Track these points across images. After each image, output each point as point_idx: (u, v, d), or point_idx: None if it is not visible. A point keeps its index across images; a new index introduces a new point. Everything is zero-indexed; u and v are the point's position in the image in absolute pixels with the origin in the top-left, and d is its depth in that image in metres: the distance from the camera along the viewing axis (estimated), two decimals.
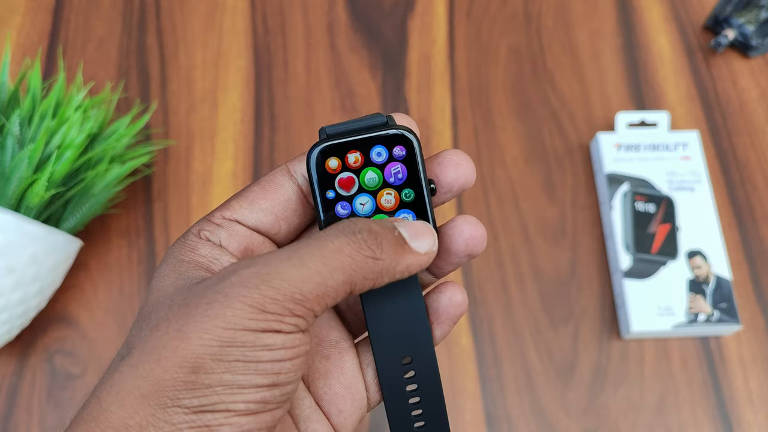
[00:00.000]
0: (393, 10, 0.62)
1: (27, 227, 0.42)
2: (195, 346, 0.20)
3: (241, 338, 0.20)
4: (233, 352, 0.20)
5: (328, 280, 0.21)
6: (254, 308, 0.20)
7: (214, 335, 0.20)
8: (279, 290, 0.20)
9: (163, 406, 0.20)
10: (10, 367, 0.48)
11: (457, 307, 0.26)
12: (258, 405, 0.20)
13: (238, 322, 0.20)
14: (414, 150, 0.25)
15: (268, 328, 0.20)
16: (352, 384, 0.26)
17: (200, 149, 0.56)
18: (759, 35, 0.59)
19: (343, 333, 0.27)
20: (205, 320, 0.20)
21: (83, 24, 0.61)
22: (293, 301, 0.21)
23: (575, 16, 0.62)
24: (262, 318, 0.20)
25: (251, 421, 0.20)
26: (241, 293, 0.20)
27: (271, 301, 0.20)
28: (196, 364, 0.20)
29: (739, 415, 0.48)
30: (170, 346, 0.20)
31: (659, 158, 0.54)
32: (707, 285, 0.50)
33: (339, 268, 0.21)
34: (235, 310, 0.20)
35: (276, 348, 0.20)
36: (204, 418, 0.20)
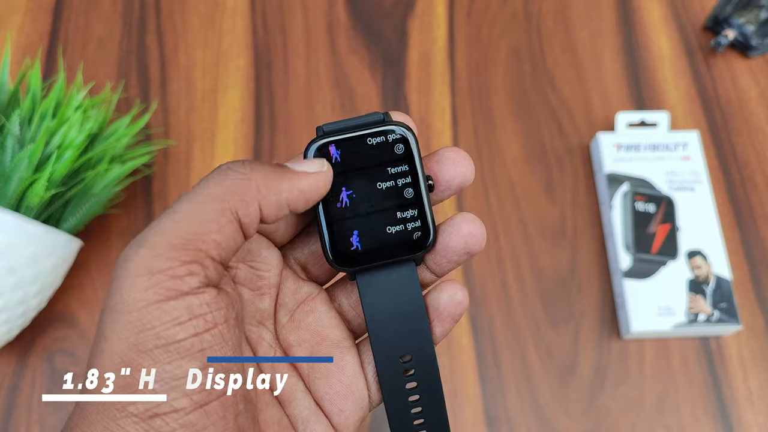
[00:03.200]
0: (393, 10, 0.62)
1: (27, 227, 0.42)
2: (113, 342, 0.19)
3: (147, 318, 0.19)
4: (148, 338, 0.19)
5: (201, 214, 0.20)
6: (142, 275, 0.19)
7: (124, 324, 0.19)
8: (156, 245, 0.19)
9: (114, 419, 0.19)
10: (10, 367, 0.48)
11: (458, 306, 0.26)
12: (200, 395, 0.19)
13: (135, 297, 0.19)
14: (411, 146, 0.25)
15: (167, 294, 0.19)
16: (354, 383, 0.25)
17: (200, 149, 0.56)
18: (759, 35, 0.59)
19: (345, 332, 0.27)
20: (112, 312, 0.19)
21: (83, 24, 0.61)
22: (173, 248, 0.19)
23: (575, 16, 0.62)
24: (153, 282, 0.19)
25: (203, 417, 0.19)
26: (125, 269, 0.19)
27: (153, 258, 0.19)
28: (123, 362, 0.19)
29: (739, 415, 0.48)
30: (97, 352, 0.20)
31: (659, 158, 0.54)
32: (707, 285, 0.50)
33: (208, 200, 0.20)
34: (127, 287, 0.19)
35: (184, 320, 0.19)
36: (156, 425, 0.19)
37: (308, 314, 0.26)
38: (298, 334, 0.26)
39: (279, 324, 0.26)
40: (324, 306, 0.26)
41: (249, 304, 0.25)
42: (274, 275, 0.26)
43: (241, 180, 0.21)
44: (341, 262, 0.25)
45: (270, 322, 0.26)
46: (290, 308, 0.26)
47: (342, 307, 0.27)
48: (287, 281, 0.26)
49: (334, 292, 0.28)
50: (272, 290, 0.26)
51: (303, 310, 0.26)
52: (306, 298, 0.26)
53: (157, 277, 0.19)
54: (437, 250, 0.25)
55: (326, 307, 0.27)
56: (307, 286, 0.27)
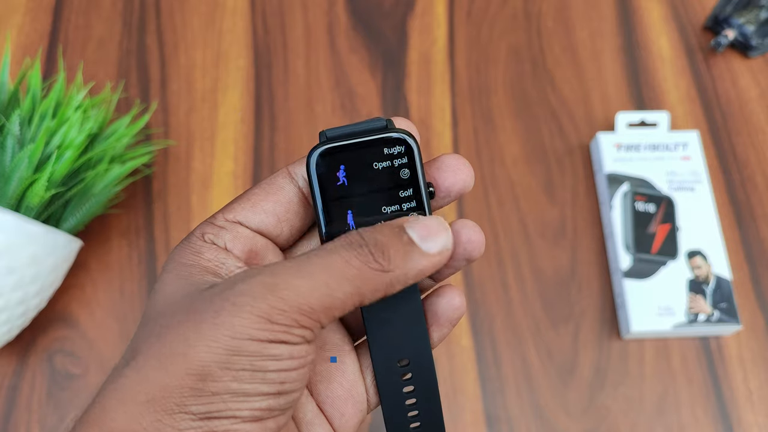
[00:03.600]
0: (393, 10, 0.62)
1: (27, 227, 0.42)
2: (202, 353, 0.20)
3: (248, 348, 0.20)
4: (240, 361, 0.20)
5: (335, 292, 0.21)
6: (262, 318, 0.20)
7: (222, 344, 0.20)
8: (286, 301, 0.20)
9: (170, 412, 0.20)
10: (10, 367, 0.48)
11: (456, 310, 0.26)
12: (263, 412, 0.21)
13: (246, 331, 0.20)
14: (413, 153, 0.25)
15: (275, 339, 0.20)
16: (354, 387, 0.26)
17: (200, 149, 0.56)
18: (759, 35, 0.59)
19: (344, 336, 0.27)
20: (212, 328, 0.20)
21: (83, 24, 0.61)
22: (300, 313, 0.20)
23: (575, 16, 0.62)
24: (269, 329, 0.20)
25: (256, 428, 0.20)
26: (248, 303, 0.20)
27: (279, 312, 0.20)
28: (203, 372, 0.20)
29: (739, 415, 0.48)
30: (177, 353, 0.20)
31: (659, 158, 0.54)
32: (707, 285, 0.50)
33: (346, 281, 0.21)
34: (242, 319, 0.20)
35: (282, 359, 0.20)
36: (210, 425, 0.20)
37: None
38: None
39: None
40: None
41: None
42: None
43: (381, 272, 0.22)
44: None
45: None
46: None
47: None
48: None
49: None
50: None
51: None
52: None
53: (274, 327, 0.20)
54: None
55: None
56: None
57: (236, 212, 0.24)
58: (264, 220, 0.25)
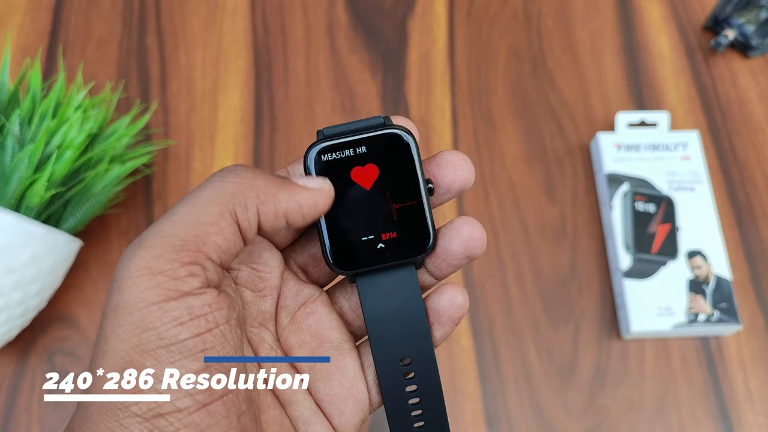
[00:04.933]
0: (393, 10, 0.62)
1: (27, 227, 0.42)
2: (115, 344, 0.19)
3: (148, 318, 0.19)
4: (150, 338, 0.19)
5: (201, 217, 0.20)
6: (143, 276, 0.19)
7: (126, 325, 0.19)
8: (156, 246, 0.20)
9: (117, 419, 0.19)
10: (10, 367, 0.48)
11: (458, 309, 0.26)
12: (203, 395, 0.20)
13: (136, 298, 0.19)
14: (411, 150, 0.25)
15: (168, 294, 0.19)
16: (354, 385, 0.26)
17: (200, 149, 0.56)
18: (759, 35, 0.59)
19: (345, 335, 0.27)
20: (113, 314, 0.20)
21: (83, 24, 0.61)
22: (174, 249, 0.20)
23: (575, 16, 0.62)
24: (154, 283, 0.19)
25: (206, 416, 0.20)
26: (126, 269, 0.20)
27: (154, 260, 0.19)
28: (125, 363, 0.19)
29: (739, 415, 0.48)
30: (99, 353, 0.20)
31: (659, 158, 0.54)
32: (707, 285, 0.50)
33: (208, 203, 0.21)
34: (129, 288, 0.19)
35: (185, 320, 0.20)
36: (160, 425, 0.19)
37: (309, 316, 0.26)
38: (299, 336, 0.26)
39: (280, 326, 0.26)
40: (325, 308, 0.27)
41: (250, 306, 0.25)
42: (275, 277, 0.26)
43: (242, 184, 0.21)
44: (341, 265, 0.25)
45: (271, 324, 0.26)
46: (291, 310, 0.26)
47: (342, 309, 0.27)
48: (288, 283, 0.26)
49: (334, 294, 0.28)
50: (273, 292, 0.26)
51: (304, 312, 0.26)
52: (307, 300, 0.26)
53: (158, 278, 0.19)
54: (437, 253, 0.26)
55: (327, 309, 0.27)
56: (308, 288, 0.27)
57: None
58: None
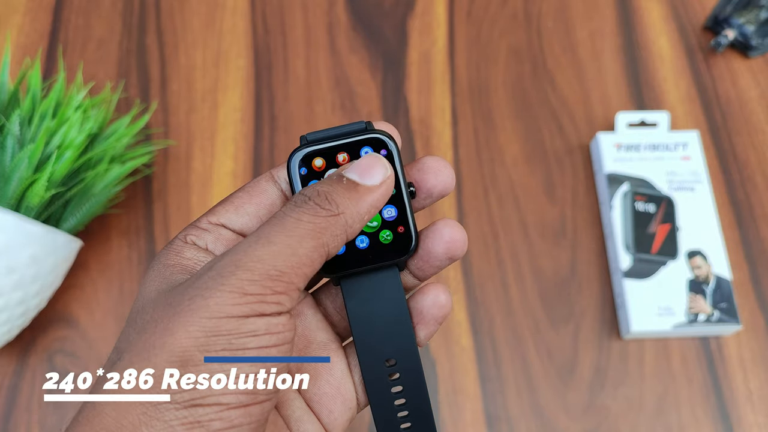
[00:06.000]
0: (393, 10, 0.62)
1: (27, 227, 0.42)
2: (181, 339, 0.20)
3: (225, 326, 0.20)
4: (219, 341, 0.20)
5: (298, 249, 0.21)
6: (234, 293, 0.20)
7: (199, 326, 0.20)
8: (254, 271, 0.21)
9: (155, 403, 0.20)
10: (10, 367, 0.48)
11: (441, 308, 0.26)
12: (247, 397, 0.21)
13: (221, 309, 0.20)
14: (393, 154, 0.25)
15: (251, 313, 0.20)
16: (342, 385, 0.26)
17: (200, 149, 0.56)
18: (759, 35, 0.59)
19: (331, 335, 0.27)
20: (188, 314, 0.20)
21: (83, 24, 0.61)
22: (270, 278, 0.21)
23: (575, 16, 0.62)
24: (243, 302, 0.20)
25: (241, 415, 0.20)
26: (219, 282, 0.21)
27: (249, 283, 0.21)
28: (183, 357, 0.20)
29: (739, 415, 0.48)
30: (158, 344, 0.20)
31: (659, 158, 0.54)
32: (707, 285, 0.50)
33: (304, 236, 0.22)
34: (216, 299, 0.20)
35: (260, 334, 0.21)
36: (195, 413, 0.20)
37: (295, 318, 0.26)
38: None
39: None
40: (310, 310, 0.27)
41: None
42: None
43: (332, 217, 0.22)
44: (325, 267, 0.25)
45: None
46: None
47: (327, 310, 0.28)
48: None
49: (319, 296, 0.28)
50: None
51: None
52: None
53: (248, 299, 0.20)
54: (420, 255, 0.26)
55: (312, 311, 0.27)
56: None
57: (219, 215, 0.25)
58: (246, 222, 0.25)
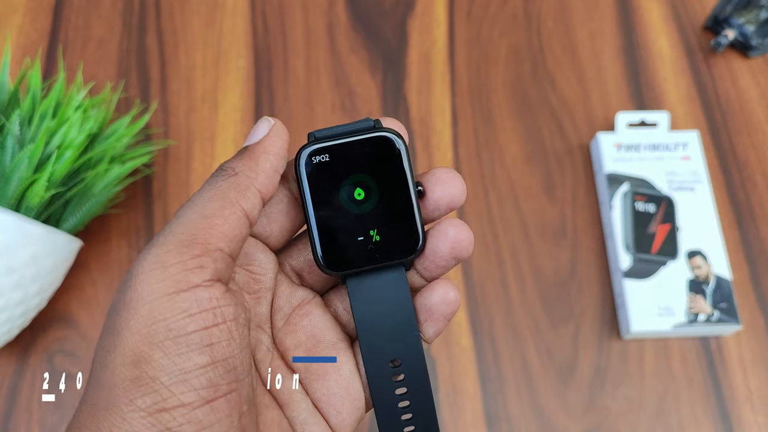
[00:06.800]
0: (393, 10, 0.62)
1: (27, 227, 0.42)
2: (126, 336, 0.20)
3: (158, 309, 0.20)
4: (159, 330, 0.20)
5: (204, 212, 0.22)
6: (155, 270, 0.20)
7: (137, 318, 0.20)
8: (168, 243, 0.21)
9: (121, 413, 0.20)
10: (10, 367, 0.48)
11: (450, 305, 0.26)
12: (208, 391, 0.20)
13: (149, 291, 0.20)
14: (401, 152, 0.25)
15: (177, 287, 0.20)
16: (350, 385, 0.26)
17: (200, 149, 0.56)
18: (759, 35, 0.59)
19: (340, 334, 0.27)
20: (126, 309, 0.20)
21: (83, 24, 0.61)
22: (183, 244, 0.21)
23: (575, 16, 0.62)
24: (166, 275, 0.20)
25: (207, 412, 0.20)
26: (140, 266, 0.21)
27: (166, 253, 0.21)
28: (134, 355, 0.20)
29: (739, 415, 0.48)
30: (110, 347, 0.20)
31: (659, 158, 0.54)
32: (707, 285, 0.50)
33: (209, 199, 0.22)
34: (141, 282, 0.20)
35: (194, 312, 0.20)
36: (163, 420, 0.20)
37: (304, 317, 0.26)
38: (295, 337, 0.26)
39: (275, 328, 0.26)
40: (319, 309, 0.27)
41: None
42: (269, 279, 0.26)
43: (231, 176, 0.23)
44: (331, 266, 0.25)
45: (267, 326, 0.26)
46: (286, 312, 0.26)
47: (337, 311, 0.27)
48: (282, 286, 0.27)
49: (328, 296, 0.28)
50: (268, 294, 0.26)
51: (299, 314, 0.26)
52: (301, 302, 0.27)
53: (170, 270, 0.20)
54: (426, 255, 0.26)
55: (321, 311, 0.27)
56: (302, 291, 0.27)
57: None
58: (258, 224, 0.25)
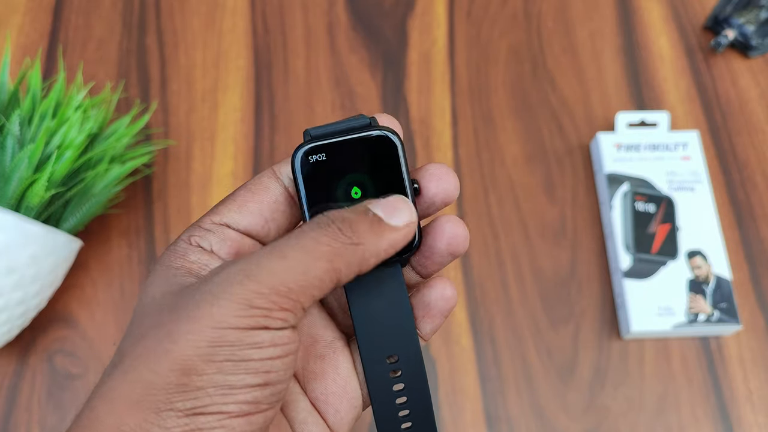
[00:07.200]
0: (393, 10, 0.62)
1: (27, 227, 0.42)
2: (184, 347, 0.20)
3: (229, 337, 0.20)
4: (223, 352, 0.20)
5: (311, 270, 0.21)
6: (241, 304, 0.20)
7: (203, 336, 0.20)
8: (264, 284, 0.20)
9: (156, 411, 0.20)
10: (10, 367, 0.48)
11: (448, 301, 0.26)
12: (250, 406, 0.20)
13: (226, 320, 0.20)
14: (397, 150, 0.25)
15: (256, 325, 0.20)
16: (348, 383, 0.26)
17: (200, 149, 0.56)
18: (759, 35, 0.59)
19: (336, 333, 0.27)
20: (193, 321, 0.20)
21: (83, 24, 0.61)
22: (278, 294, 0.21)
23: (575, 16, 0.62)
24: (249, 314, 0.20)
25: (243, 423, 0.20)
26: (226, 291, 0.20)
27: (257, 296, 0.20)
28: (186, 366, 0.20)
29: (739, 415, 0.48)
30: (160, 350, 0.20)
31: (659, 158, 0.54)
32: (707, 285, 0.50)
33: (320, 257, 0.21)
34: (221, 308, 0.20)
35: (265, 346, 0.20)
36: (197, 422, 0.20)
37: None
38: None
39: None
40: (315, 308, 0.27)
41: None
42: None
43: (351, 245, 0.22)
44: None
45: None
46: None
47: (332, 309, 0.28)
48: None
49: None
50: None
51: None
52: None
53: (254, 312, 0.20)
54: (422, 251, 0.26)
55: (317, 309, 0.27)
56: None
57: (223, 215, 0.25)
58: (250, 221, 0.25)
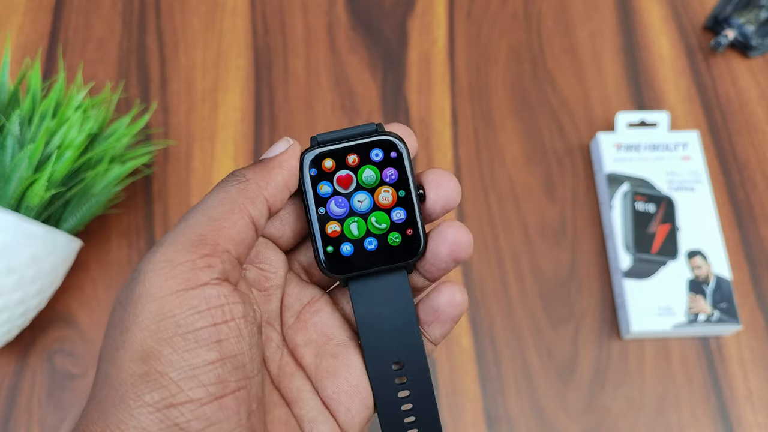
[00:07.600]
0: (393, 10, 0.62)
1: (27, 227, 0.42)
2: (135, 332, 0.20)
3: (167, 306, 0.20)
4: (168, 326, 0.20)
5: (213, 213, 0.22)
6: (164, 268, 0.21)
7: (146, 313, 0.20)
8: (178, 243, 0.21)
9: (129, 409, 0.20)
10: (10, 367, 0.48)
11: (457, 307, 0.26)
12: (216, 387, 0.20)
13: (159, 289, 0.21)
14: (402, 156, 0.25)
15: (186, 284, 0.21)
16: (360, 383, 0.26)
17: (200, 149, 0.56)
18: (759, 35, 0.59)
19: (349, 332, 0.27)
20: (134, 306, 0.21)
21: (83, 24, 0.61)
22: (192, 243, 0.21)
23: (575, 16, 0.62)
24: (175, 273, 0.21)
25: (215, 410, 0.20)
26: (150, 266, 0.21)
27: (175, 252, 0.21)
28: (143, 351, 0.20)
29: (739, 415, 0.48)
30: (118, 342, 0.21)
31: (659, 158, 0.54)
32: (707, 285, 0.50)
33: (218, 202, 0.23)
34: (150, 280, 0.21)
35: (203, 309, 0.21)
36: (170, 415, 0.20)
37: (314, 314, 0.27)
38: (305, 334, 0.26)
39: (285, 325, 0.26)
40: (328, 307, 0.27)
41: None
42: (279, 277, 0.26)
43: (242, 182, 0.23)
44: (333, 269, 0.25)
45: (277, 323, 0.26)
46: (296, 310, 0.27)
47: (345, 309, 0.28)
48: (291, 284, 0.27)
49: (336, 295, 0.28)
50: (278, 292, 0.26)
51: (309, 311, 0.27)
52: (311, 299, 0.27)
53: (179, 269, 0.21)
54: (426, 257, 0.26)
55: (331, 309, 0.27)
56: (311, 289, 0.27)
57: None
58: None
